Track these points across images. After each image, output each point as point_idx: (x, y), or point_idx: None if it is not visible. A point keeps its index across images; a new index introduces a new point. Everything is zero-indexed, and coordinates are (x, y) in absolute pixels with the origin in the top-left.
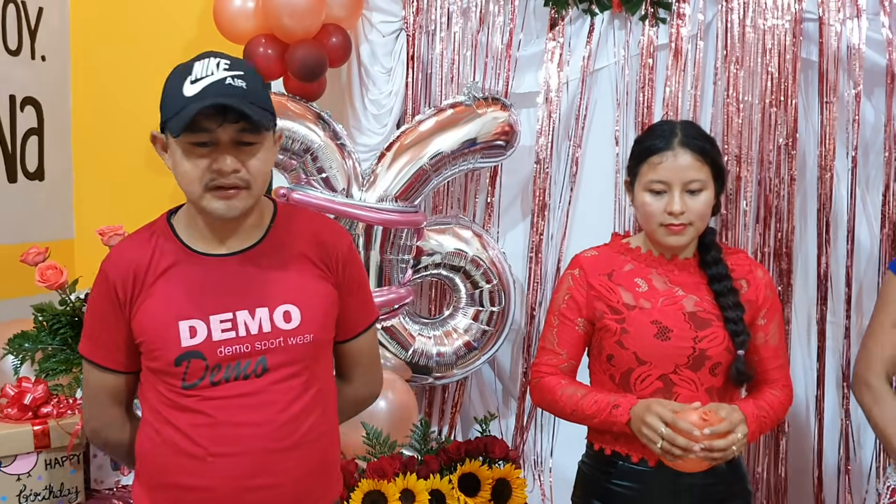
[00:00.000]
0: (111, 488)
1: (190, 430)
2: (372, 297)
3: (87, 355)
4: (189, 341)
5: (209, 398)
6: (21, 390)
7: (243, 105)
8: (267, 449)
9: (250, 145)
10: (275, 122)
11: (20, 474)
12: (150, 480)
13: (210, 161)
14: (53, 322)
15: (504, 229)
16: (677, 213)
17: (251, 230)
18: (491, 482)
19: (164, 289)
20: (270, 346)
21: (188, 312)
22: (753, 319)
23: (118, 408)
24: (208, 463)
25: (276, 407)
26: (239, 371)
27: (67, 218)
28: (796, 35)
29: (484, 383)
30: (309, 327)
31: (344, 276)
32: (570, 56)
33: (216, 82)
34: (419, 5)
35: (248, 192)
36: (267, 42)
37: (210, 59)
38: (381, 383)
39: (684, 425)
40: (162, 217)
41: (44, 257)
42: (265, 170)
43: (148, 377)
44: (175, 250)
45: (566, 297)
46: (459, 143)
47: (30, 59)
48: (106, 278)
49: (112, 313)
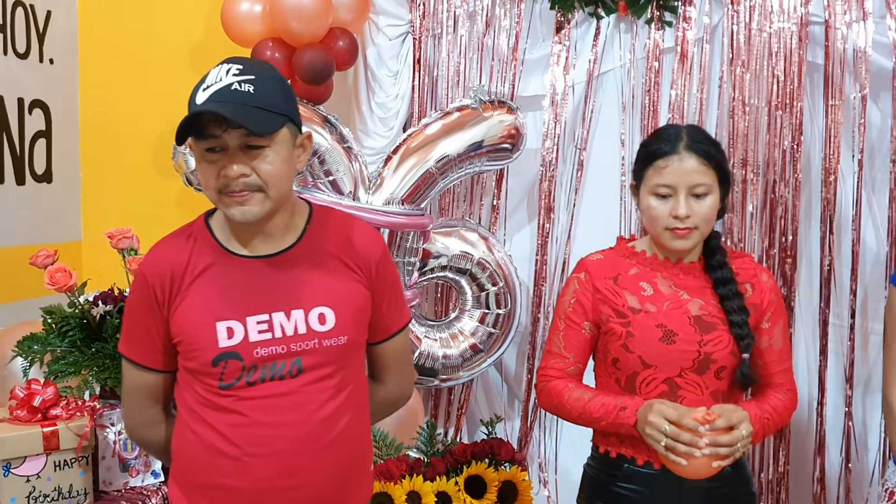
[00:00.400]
0: (119, 490)
1: (226, 430)
2: (405, 299)
3: (126, 354)
4: (227, 342)
5: (245, 398)
6: (30, 392)
7: (238, 112)
8: (300, 449)
9: (259, 149)
10: (292, 124)
11: (29, 476)
12: (187, 480)
13: (220, 166)
14: (62, 324)
15: (510, 232)
16: (683, 217)
17: (286, 233)
18: (497, 484)
19: (201, 289)
20: (305, 347)
21: (226, 313)
22: (758, 323)
23: (156, 406)
24: (244, 463)
25: (310, 407)
26: (274, 372)
27: (75, 220)
28: (802, 38)
29: (490, 386)
30: (343, 329)
31: (377, 279)
32: (575, 59)
33: (222, 88)
34: (426, 9)
35: (262, 195)
36: (274, 45)
37: (224, 65)
38: (412, 385)
39: (689, 422)
40: (200, 218)
41: (53, 260)
42: (278, 173)
43: (185, 377)
44: (212, 251)
45: (572, 300)
46: (466, 146)
47: (38, 63)
48: (144, 279)
49: (150, 313)
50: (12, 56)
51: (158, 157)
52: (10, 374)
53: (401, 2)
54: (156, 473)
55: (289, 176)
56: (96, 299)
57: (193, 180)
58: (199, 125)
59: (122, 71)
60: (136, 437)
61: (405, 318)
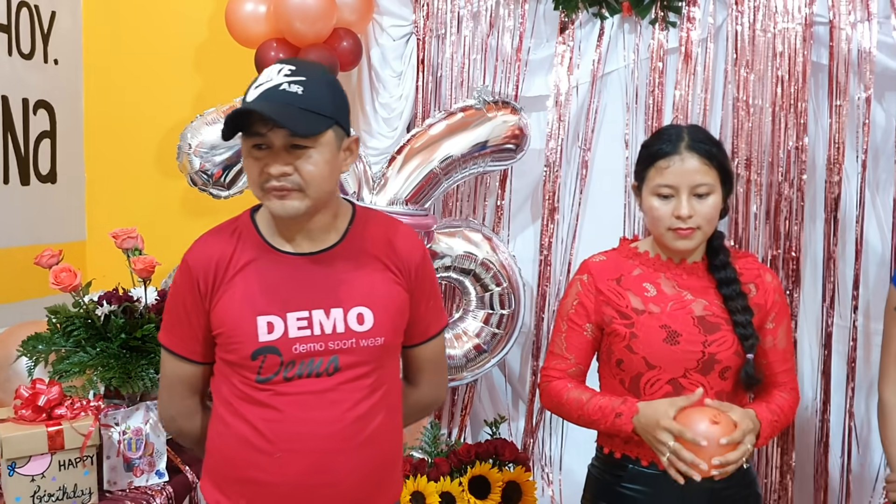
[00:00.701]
0: (124, 489)
1: (261, 424)
2: (442, 303)
3: (166, 344)
4: (266, 336)
5: (281, 393)
6: (35, 392)
7: (282, 112)
8: (333, 448)
9: (304, 149)
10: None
11: (34, 475)
12: (221, 474)
13: (264, 164)
14: (67, 324)
15: (514, 232)
16: (685, 217)
17: (329, 232)
18: (501, 485)
19: (243, 283)
20: (343, 346)
21: (267, 308)
22: (762, 323)
23: (193, 397)
24: (276, 458)
25: (344, 406)
26: (312, 369)
27: (79, 220)
28: (807, 38)
29: (494, 386)
30: (380, 330)
31: (416, 282)
32: (580, 60)
33: (271, 88)
34: (429, 9)
35: (301, 194)
36: (278, 46)
37: (278, 65)
38: (445, 389)
39: (690, 436)
40: (246, 213)
41: (58, 260)
42: (320, 173)
43: (222, 369)
44: (256, 246)
45: (575, 302)
46: (469, 146)
47: (42, 63)
48: (188, 270)
49: (192, 304)
50: (17, 56)
51: (163, 157)
52: (15, 374)
53: (405, 2)
54: (160, 473)
55: (331, 177)
56: (101, 299)
57: (198, 180)
58: (247, 122)
59: (126, 71)
60: (173, 428)
61: (442, 322)
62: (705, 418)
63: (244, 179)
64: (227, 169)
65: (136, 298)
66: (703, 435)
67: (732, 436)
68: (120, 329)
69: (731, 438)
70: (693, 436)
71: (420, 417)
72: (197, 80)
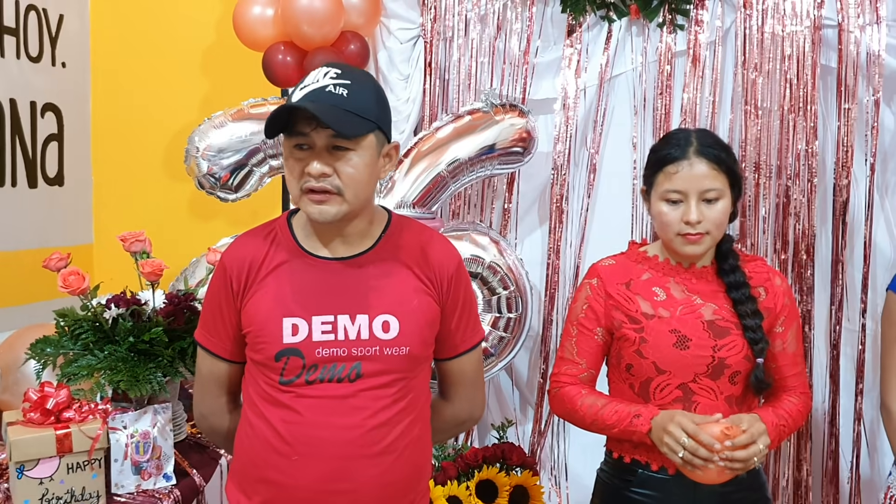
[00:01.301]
0: (132, 493)
1: (281, 426)
2: (478, 317)
3: (202, 342)
4: (290, 338)
5: (303, 396)
6: (43, 395)
7: (328, 112)
8: (351, 454)
9: (345, 151)
10: (381, 133)
11: (42, 478)
12: (244, 474)
13: (305, 164)
14: (75, 327)
15: (521, 235)
16: (694, 222)
17: (362, 238)
18: (508, 489)
19: (274, 284)
20: (366, 353)
21: (293, 310)
22: (771, 327)
23: (225, 396)
24: (294, 462)
25: (364, 413)
26: (334, 374)
27: (86, 223)
28: (815, 41)
29: (501, 390)
30: (406, 340)
31: (449, 294)
32: (587, 62)
33: (317, 89)
34: (437, 12)
35: (339, 198)
36: (286, 49)
37: (323, 68)
38: (482, 406)
39: (706, 438)
40: (283, 216)
41: (66, 263)
42: (360, 177)
43: (251, 369)
44: (289, 248)
45: (584, 306)
46: (477, 149)
47: (50, 66)
48: (224, 269)
49: (226, 303)
50: (25, 59)
51: (170, 160)
52: (24, 377)
53: (412, 5)
54: (168, 476)
55: (369, 182)
56: (109, 302)
57: (205, 184)
58: (290, 122)
59: (133, 74)
60: (205, 425)
61: (478, 337)
62: (716, 432)
63: (252, 183)
64: (234, 172)
65: (144, 302)
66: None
67: (738, 439)
68: (128, 332)
69: (736, 441)
70: (708, 438)
71: (456, 433)
72: (204, 83)
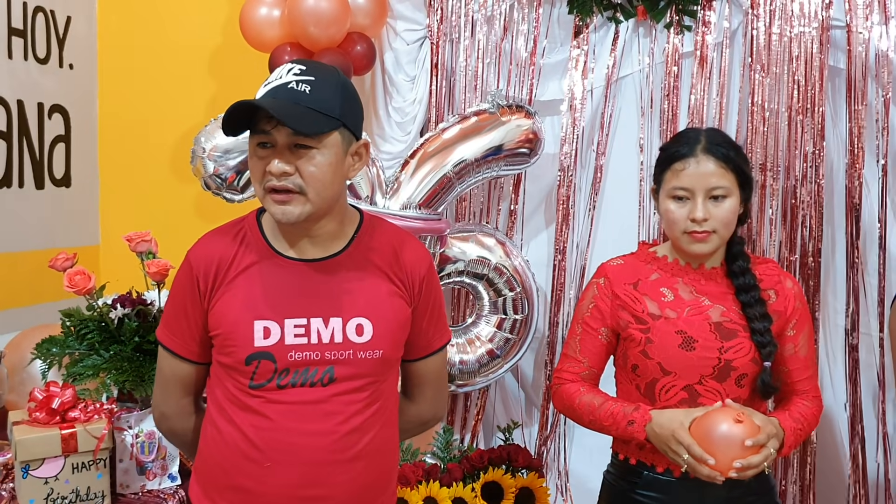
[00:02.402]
0: (137, 493)
1: (251, 432)
2: (446, 318)
3: (164, 341)
4: (262, 342)
5: (274, 401)
6: (49, 395)
7: (285, 110)
8: (324, 460)
9: (308, 149)
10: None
11: (48, 478)
12: (210, 480)
13: (267, 162)
14: (81, 327)
15: (527, 237)
16: (700, 220)
17: (334, 239)
18: (514, 491)
19: (243, 285)
20: (340, 357)
21: (264, 313)
22: (782, 330)
23: (187, 397)
24: (265, 468)
25: (337, 418)
26: (306, 378)
27: (93, 224)
28: (823, 42)
29: (507, 392)
30: (379, 343)
31: (420, 296)
32: (594, 64)
33: (279, 86)
34: (443, 13)
35: (303, 197)
36: (292, 50)
37: (288, 64)
38: (445, 405)
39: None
40: (252, 214)
41: (72, 263)
42: (322, 177)
43: (217, 372)
44: (259, 249)
45: (590, 305)
46: (483, 150)
47: (57, 68)
48: (190, 267)
49: (191, 303)
50: (32, 61)
51: (176, 161)
52: (29, 377)
53: (418, 6)
54: (172, 477)
55: (334, 181)
56: (114, 302)
57: (211, 184)
58: (253, 119)
59: (140, 76)
60: (164, 427)
61: (445, 338)
62: (728, 417)
63: None
64: (240, 173)
65: (150, 302)
66: (725, 435)
67: (758, 437)
68: (133, 332)
69: (757, 440)
70: (701, 453)
71: (418, 433)
72: (211, 85)
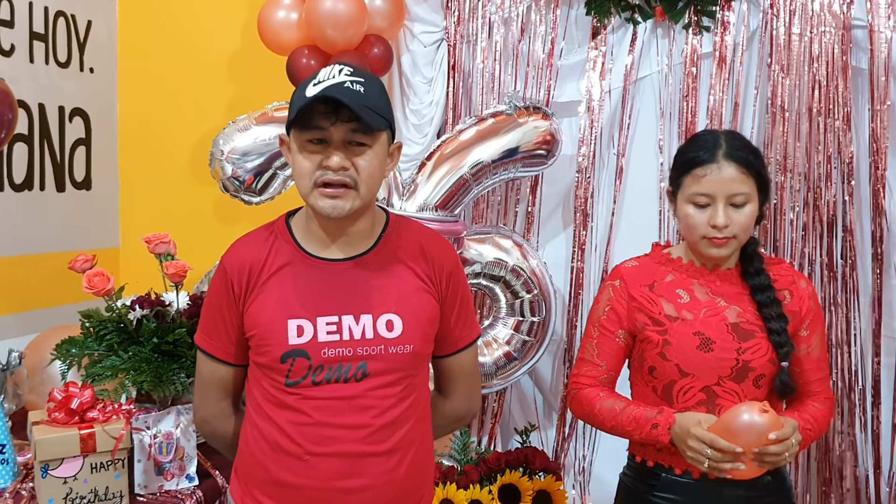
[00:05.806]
0: (155, 493)
1: (289, 427)
2: (475, 314)
3: (202, 345)
4: (296, 339)
5: (309, 398)
6: (68, 395)
7: (355, 104)
8: (361, 452)
9: (361, 146)
10: (390, 129)
11: (66, 477)
12: (251, 477)
13: (321, 157)
14: (100, 328)
15: (545, 239)
16: (721, 226)
17: (363, 238)
18: (531, 493)
19: (276, 286)
20: (372, 352)
21: (297, 312)
22: (796, 331)
23: (226, 400)
24: (305, 461)
25: (372, 412)
26: (340, 374)
27: (113, 227)
28: (844, 42)
29: (524, 394)
30: (410, 338)
31: (448, 291)
32: (612, 65)
33: (336, 84)
34: (460, 15)
35: (354, 192)
36: (310, 53)
37: (335, 66)
38: (479, 401)
39: (724, 444)
40: (281, 217)
41: (91, 264)
42: (373, 173)
43: (255, 372)
44: (290, 251)
45: (606, 308)
46: (500, 152)
47: (78, 72)
48: (224, 272)
49: (227, 306)
50: (53, 65)
51: (196, 164)
52: (49, 377)
53: (436, 8)
54: (190, 477)
55: (380, 178)
56: (133, 303)
57: (230, 186)
58: (308, 116)
59: (160, 79)
60: (206, 430)
61: (475, 333)
62: (753, 408)
63: (275, 186)
64: (258, 175)
65: (168, 303)
66: (748, 423)
67: (783, 431)
68: (152, 333)
69: (782, 433)
70: (727, 444)
71: (454, 429)
72: (230, 88)
